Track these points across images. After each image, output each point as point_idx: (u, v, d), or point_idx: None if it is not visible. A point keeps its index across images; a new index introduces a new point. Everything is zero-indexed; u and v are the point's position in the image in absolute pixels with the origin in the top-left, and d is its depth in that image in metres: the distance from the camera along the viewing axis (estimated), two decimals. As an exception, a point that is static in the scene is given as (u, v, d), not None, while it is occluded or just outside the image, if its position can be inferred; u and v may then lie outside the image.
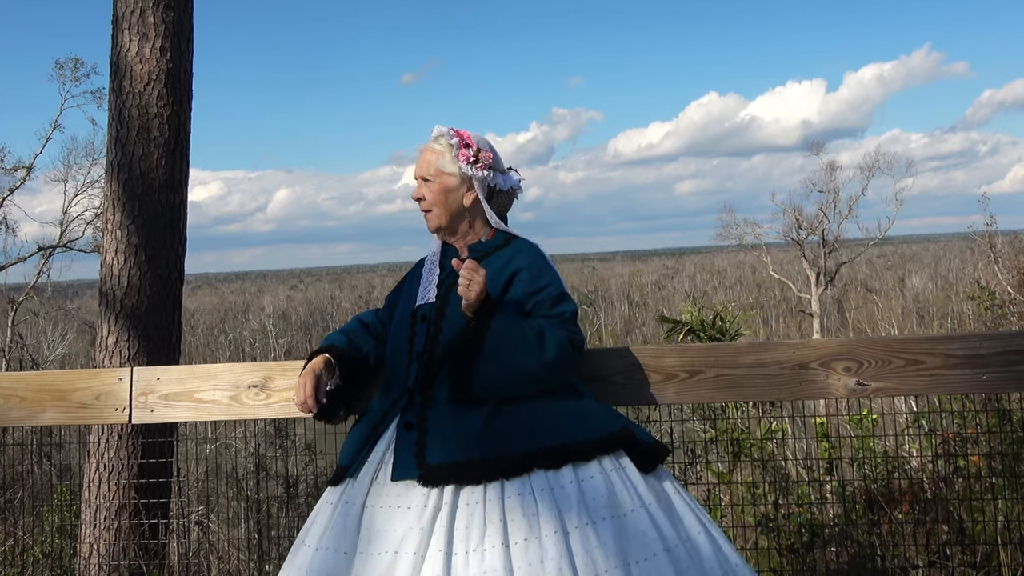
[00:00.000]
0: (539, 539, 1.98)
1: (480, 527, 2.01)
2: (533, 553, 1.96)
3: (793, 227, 41.83)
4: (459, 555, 1.98)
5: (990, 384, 2.65)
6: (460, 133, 2.49)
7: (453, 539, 2.01)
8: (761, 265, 49.10)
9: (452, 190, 2.46)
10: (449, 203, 2.47)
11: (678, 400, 2.76)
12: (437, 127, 2.53)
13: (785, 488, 4.28)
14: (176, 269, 4.92)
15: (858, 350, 2.65)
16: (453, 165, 2.46)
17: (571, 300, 2.39)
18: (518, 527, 2.00)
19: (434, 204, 2.47)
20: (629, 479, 2.16)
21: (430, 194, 2.47)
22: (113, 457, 4.58)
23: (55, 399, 2.97)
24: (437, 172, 2.47)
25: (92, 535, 4.54)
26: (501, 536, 1.98)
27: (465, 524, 2.02)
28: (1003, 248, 23.14)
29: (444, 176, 2.46)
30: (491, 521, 2.01)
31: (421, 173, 2.49)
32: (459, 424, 2.18)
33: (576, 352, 2.30)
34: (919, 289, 63.80)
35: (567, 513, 2.03)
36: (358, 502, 2.16)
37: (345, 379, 2.53)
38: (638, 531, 2.06)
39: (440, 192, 2.46)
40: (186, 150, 4.97)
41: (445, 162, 2.46)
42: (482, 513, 2.03)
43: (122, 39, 4.81)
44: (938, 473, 4.19)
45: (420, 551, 1.99)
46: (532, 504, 2.04)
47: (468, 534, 2.01)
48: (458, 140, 2.47)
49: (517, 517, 2.02)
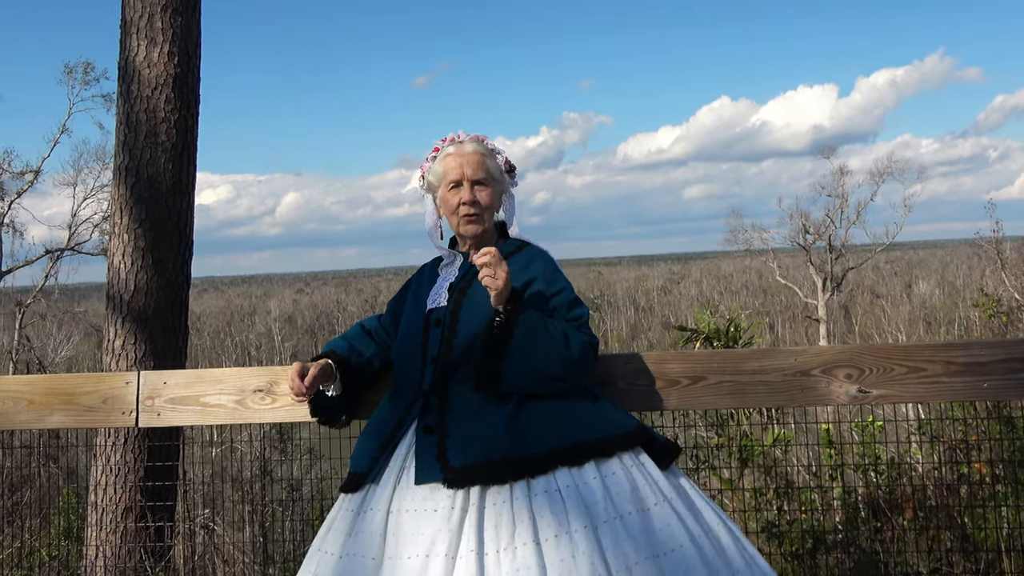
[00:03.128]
0: (569, 535, 1.99)
1: (509, 525, 2.02)
2: (564, 549, 1.97)
3: (800, 232, 41.77)
4: (490, 554, 1.99)
5: (992, 392, 2.65)
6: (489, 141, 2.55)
7: (483, 539, 2.01)
8: (768, 270, 49.00)
9: (498, 196, 2.54)
10: (495, 209, 2.53)
11: (681, 406, 2.77)
12: (463, 132, 2.55)
13: (789, 494, 4.28)
14: (183, 272, 4.95)
15: (859, 357, 2.66)
16: (500, 173, 2.52)
17: (584, 305, 2.42)
18: (547, 524, 2.02)
19: (489, 208, 2.50)
20: (650, 474, 2.19)
21: (487, 197, 2.49)
22: (119, 460, 4.61)
23: (62, 402, 2.99)
24: (490, 177, 2.50)
25: (98, 538, 4.56)
26: (531, 534, 1.99)
27: (494, 523, 2.03)
28: (1010, 254, 23.08)
29: (495, 182, 2.51)
30: (520, 520, 2.02)
31: (478, 176, 2.47)
32: (480, 425, 2.19)
33: (594, 354, 2.33)
34: (926, 295, 63.59)
35: (594, 509, 2.05)
36: (382, 508, 2.15)
37: (346, 384, 2.54)
38: (663, 524, 2.08)
39: (495, 197, 2.51)
40: (193, 154, 5.00)
41: (494, 168, 2.51)
42: (510, 512, 2.04)
43: (130, 44, 4.84)
44: (942, 480, 4.18)
45: (451, 552, 2.00)
46: (559, 501, 2.06)
47: (498, 533, 2.01)
48: (492, 149, 2.53)
49: (546, 514, 2.03)
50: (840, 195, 41.20)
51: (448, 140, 2.56)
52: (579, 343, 2.26)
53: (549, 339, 2.24)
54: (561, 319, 2.34)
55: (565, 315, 2.36)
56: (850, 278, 46.53)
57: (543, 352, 2.23)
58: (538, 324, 2.25)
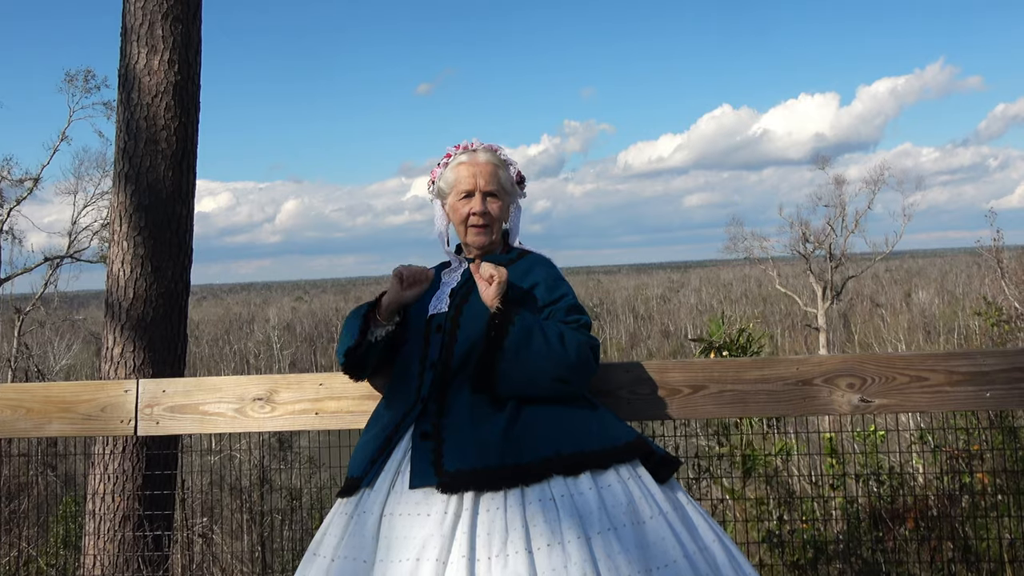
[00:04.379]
0: (562, 545, 1.98)
1: (502, 532, 2.00)
2: (557, 559, 1.96)
3: (800, 241, 41.79)
4: (482, 561, 1.98)
5: (994, 401, 2.64)
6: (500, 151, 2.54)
7: (475, 545, 2.00)
8: (767, 279, 49.03)
9: (507, 208, 2.53)
10: (503, 220, 2.52)
11: (682, 415, 2.76)
12: (477, 141, 2.54)
13: (790, 504, 4.26)
14: (182, 280, 4.95)
15: (861, 366, 2.65)
16: (511, 184, 2.51)
17: (585, 312, 2.41)
18: (540, 532, 2.00)
19: (497, 220, 2.49)
20: (646, 487, 2.17)
21: (497, 210, 2.48)
22: (117, 468, 4.59)
23: (61, 411, 2.98)
24: (502, 189, 2.49)
25: (96, 546, 4.54)
26: (524, 542, 1.98)
27: (487, 530, 2.02)
28: (1010, 263, 23.09)
29: (505, 194, 2.50)
30: (513, 527, 2.01)
31: (490, 187, 2.47)
32: (477, 431, 2.18)
33: (594, 356, 2.31)
34: (925, 304, 63.59)
35: (588, 519, 2.03)
36: (376, 511, 2.15)
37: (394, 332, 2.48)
38: (658, 538, 2.06)
39: (504, 209, 2.51)
40: (193, 162, 5.00)
41: (506, 179, 2.50)
42: (503, 519, 2.03)
43: (131, 51, 4.84)
44: (944, 490, 4.17)
45: (442, 557, 1.99)
46: (553, 510, 2.04)
47: (490, 540, 2.00)
48: (505, 160, 2.52)
49: (539, 523, 2.02)
50: (838, 204, 41.24)
51: (461, 148, 2.55)
52: (576, 345, 2.25)
53: (546, 341, 2.23)
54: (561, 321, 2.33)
55: (564, 317, 2.35)
56: (850, 287, 46.52)
57: (541, 353, 2.22)
58: (534, 325, 2.25)
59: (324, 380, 2.88)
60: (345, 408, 2.83)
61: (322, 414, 2.86)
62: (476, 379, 2.25)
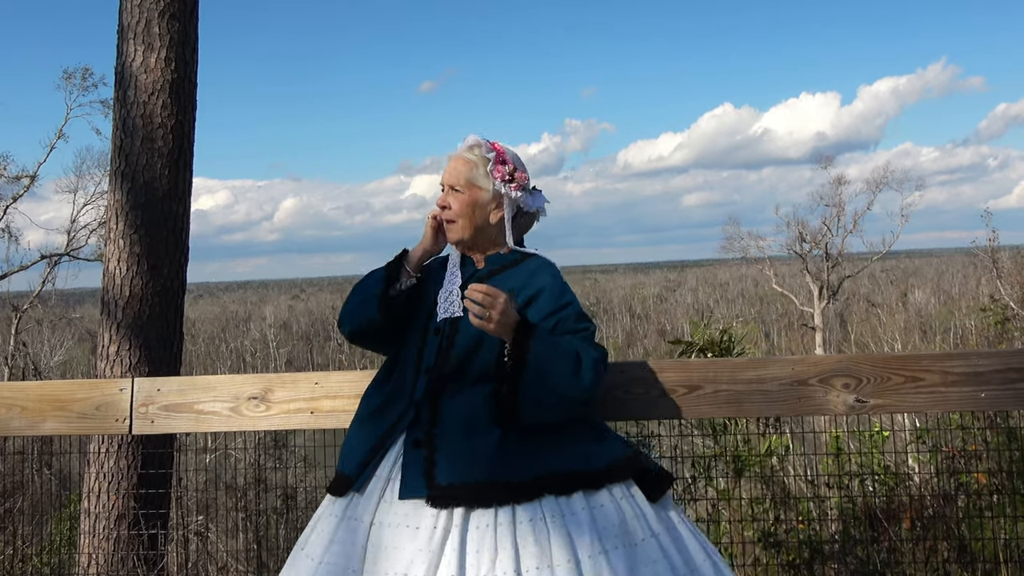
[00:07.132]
0: (551, 568, 1.96)
1: (491, 551, 1.99)
2: None
3: (797, 240, 41.81)
4: None
5: (989, 402, 2.65)
6: (496, 147, 2.43)
7: (465, 564, 1.98)
8: (764, 278, 49.05)
9: (481, 205, 2.40)
10: (475, 217, 2.40)
11: (677, 416, 2.76)
12: (472, 136, 2.47)
13: (786, 504, 4.27)
14: (178, 279, 4.93)
15: (857, 367, 2.65)
16: (486, 180, 2.40)
17: (590, 320, 2.35)
18: (530, 554, 1.99)
19: (460, 216, 2.40)
20: (639, 507, 2.15)
21: (457, 205, 2.40)
22: (113, 467, 4.59)
23: (56, 409, 2.97)
24: (468, 184, 2.40)
25: (91, 545, 4.53)
26: (513, 563, 1.96)
27: (476, 548, 2.00)
28: (1006, 263, 23.14)
29: (475, 189, 2.40)
30: (503, 547, 1.99)
31: (451, 182, 2.42)
32: (470, 443, 2.14)
33: (605, 369, 2.26)
34: (921, 304, 63.69)
35: (579, 541, 2.02)
36: (366, 519, 2.13)
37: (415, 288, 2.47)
38: (649, 560, 2.06)
39: (468, 205, 2.40)
40: (190, 160, 4.98)
41: (478, 175, 2.41)
42: (493, 537, 2.01)
43: (127, 49, 4.83)
44: (940, 490, 4.17)
45: (429, 574, 1.98)
46: (544, 530, 2.02)
47: (479, 558, 1.99)
48: (495, 155, 2.41)
49: (529, 544, 2.00)
50: (838, 204, 41.27)
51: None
52: (591, 363, 2.18)
53: (565, 365, 2.16)
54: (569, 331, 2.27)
55: (572, 327, 2.28)
56: (846, 286, 46.58)
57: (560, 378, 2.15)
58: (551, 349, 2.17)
59: (319, 379, 2.88)
60: (340, 407, 2.83)
61: (317, 413, 2.86)
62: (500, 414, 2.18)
